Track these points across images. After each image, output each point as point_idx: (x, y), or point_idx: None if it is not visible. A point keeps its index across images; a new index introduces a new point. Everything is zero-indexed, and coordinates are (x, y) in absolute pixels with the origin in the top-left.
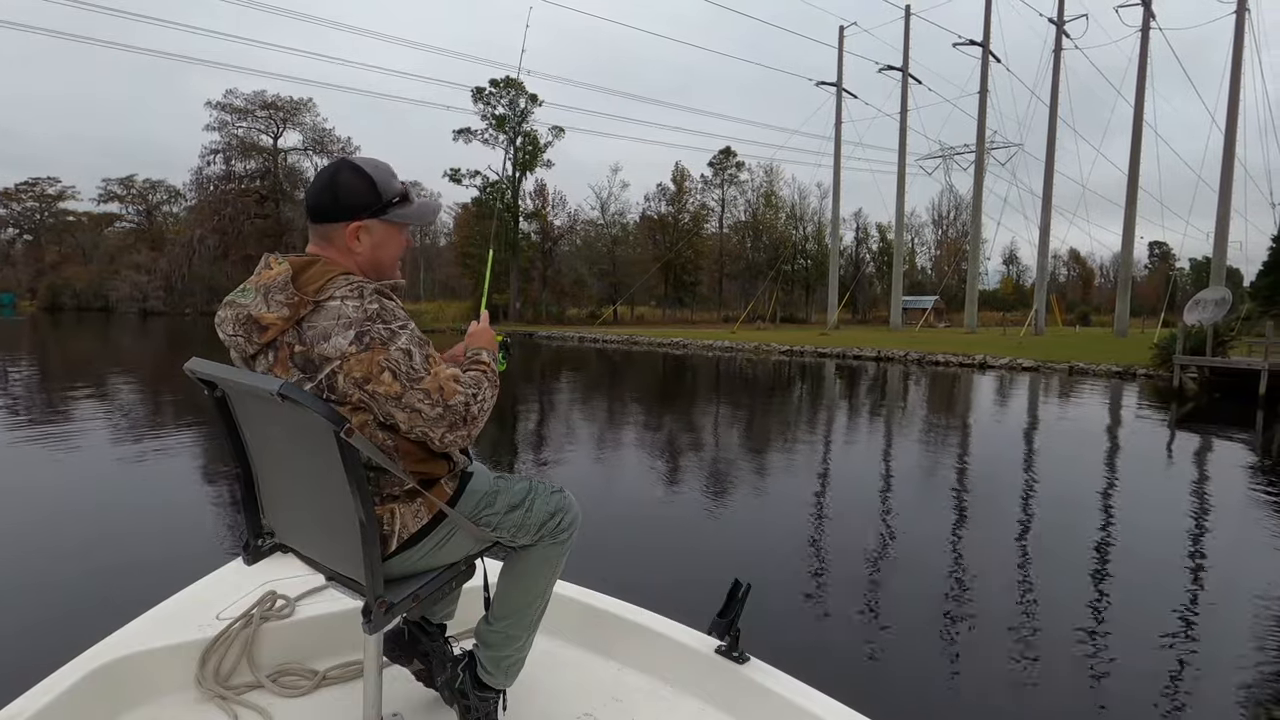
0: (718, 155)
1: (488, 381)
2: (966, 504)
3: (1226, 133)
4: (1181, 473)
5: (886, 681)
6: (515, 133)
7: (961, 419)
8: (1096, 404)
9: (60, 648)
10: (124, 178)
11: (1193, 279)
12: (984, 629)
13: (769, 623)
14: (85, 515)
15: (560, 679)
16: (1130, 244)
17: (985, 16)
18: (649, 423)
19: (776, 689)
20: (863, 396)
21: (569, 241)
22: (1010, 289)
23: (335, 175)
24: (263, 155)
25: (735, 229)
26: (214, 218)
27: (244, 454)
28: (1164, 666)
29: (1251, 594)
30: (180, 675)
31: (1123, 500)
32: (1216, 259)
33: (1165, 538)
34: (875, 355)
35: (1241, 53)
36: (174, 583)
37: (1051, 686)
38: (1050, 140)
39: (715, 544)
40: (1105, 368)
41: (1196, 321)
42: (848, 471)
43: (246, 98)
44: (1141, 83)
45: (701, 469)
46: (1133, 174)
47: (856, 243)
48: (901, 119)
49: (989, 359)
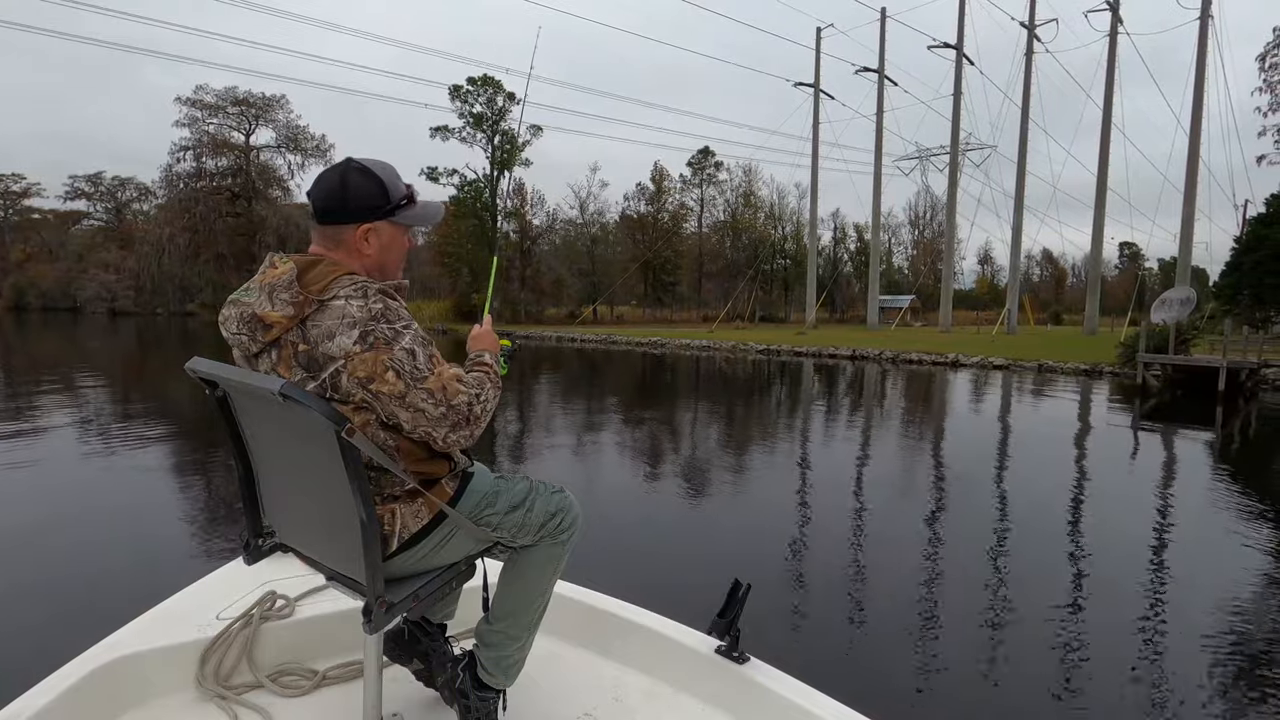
0: (696, 155)
1: (490, 382)
2: (932, 497)
3: (1191, 135)
4: (1141, 465)
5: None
6: (493, 131)
7: (931, 416)
8: (1062, 401)
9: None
10: (92, 174)
11: (1161, 279)
12: (950, 613)
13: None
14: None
15: (560, 679)
16: (1099, 244)
17: (959, 20)
18: (619, 421)
19: (776, 689)
20: (835, 395)
21: (548, 241)
22: (985, 288)
23: (344, 177)
24: (234, 152)
25: (714, 229)
26: (184, 216)
27: (244, 453)
28: (1131, 642)
29: (1209, 579)
30: (180, 675)
31: (1079, 491)
32: (1182, 259)
33: (1113, 526)
34: (851, 354)
35: (1205, 57)
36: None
37: (1018, 656)
38: (1022, 142)
39: (685, 541)
40: (1073, 366)
41: (1162, 320)
42: (816, 468)
43: (218, 94)
44: (1110, 86)
45: (666, 467)
46: (1101, 175)
47: (834, 242)
48: (878, 120)
49: (962, 358)
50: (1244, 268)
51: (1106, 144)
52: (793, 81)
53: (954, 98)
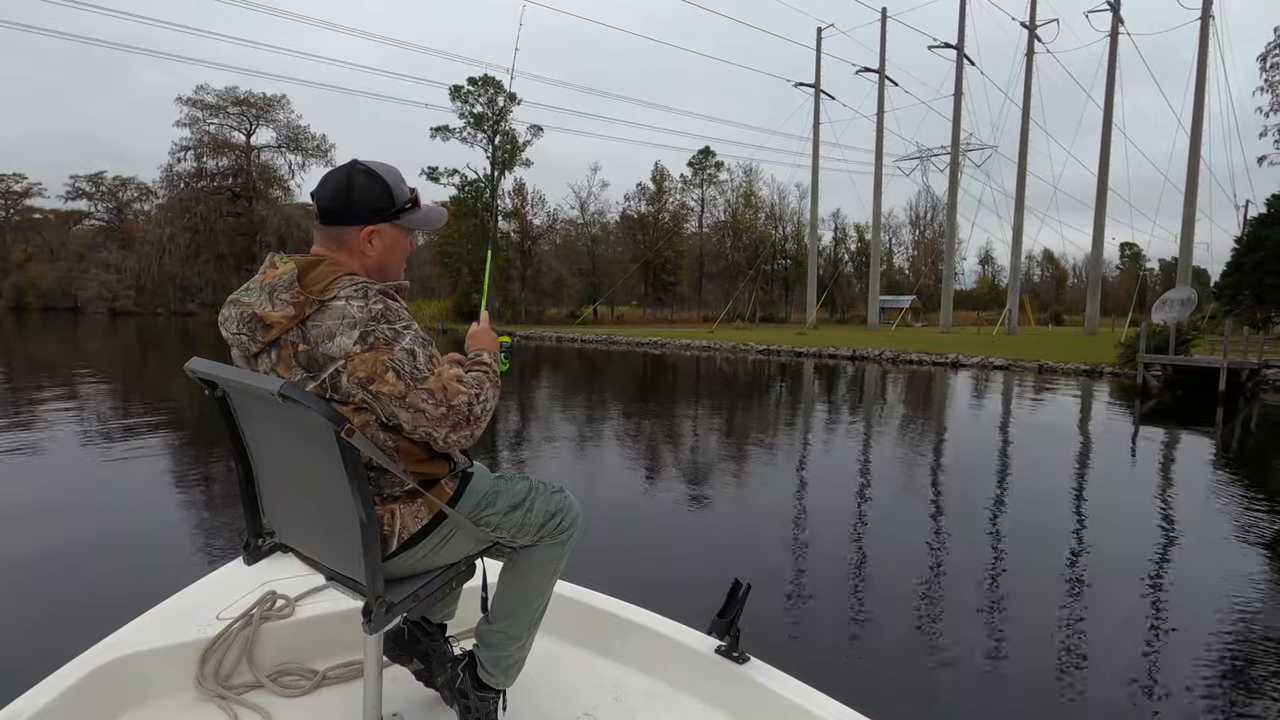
0: (697, 155)
1: (489, 382)
2: (931, 497)
3: (1192, 136)
4: (1141, 465)
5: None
6: (494, 131)
7: (931, 417)
8: (1062, 401)
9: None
10: (93, 174)
11: (1162, 279)
12: (951, 605)
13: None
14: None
15: (560, 679)
16: (1100, 244)
17: (960, 20)
18: (619, 420)
19: (776, 689)
20: (835, 395)
21: (548, 241)
22: (986, 289)
23: (349, 179)
24: (235, 152)
25: (715, 229)
26: (185, 215)
27: (244, 454)
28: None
29: (1212, 575)
30: (180, 675)
31: (1077, 489)
32: (1183, 259)
33: (1112, 528)
34: (851, 355)
35: (1206, 57)
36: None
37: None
38: (1023, 142)
39: (687, 540)
40: (1074, 366)
41: (1162, 321)
42: (816, 469)
43: (218, 94)
44: (1110, 86)
45: (667, 467)
46: (1102, 175)
47: (835, 243)
48: (879, 120)
49: (962, 358)
50: (1245, 268)
51: (1107, 144)
52: (793, 82)
53: (955, 98)
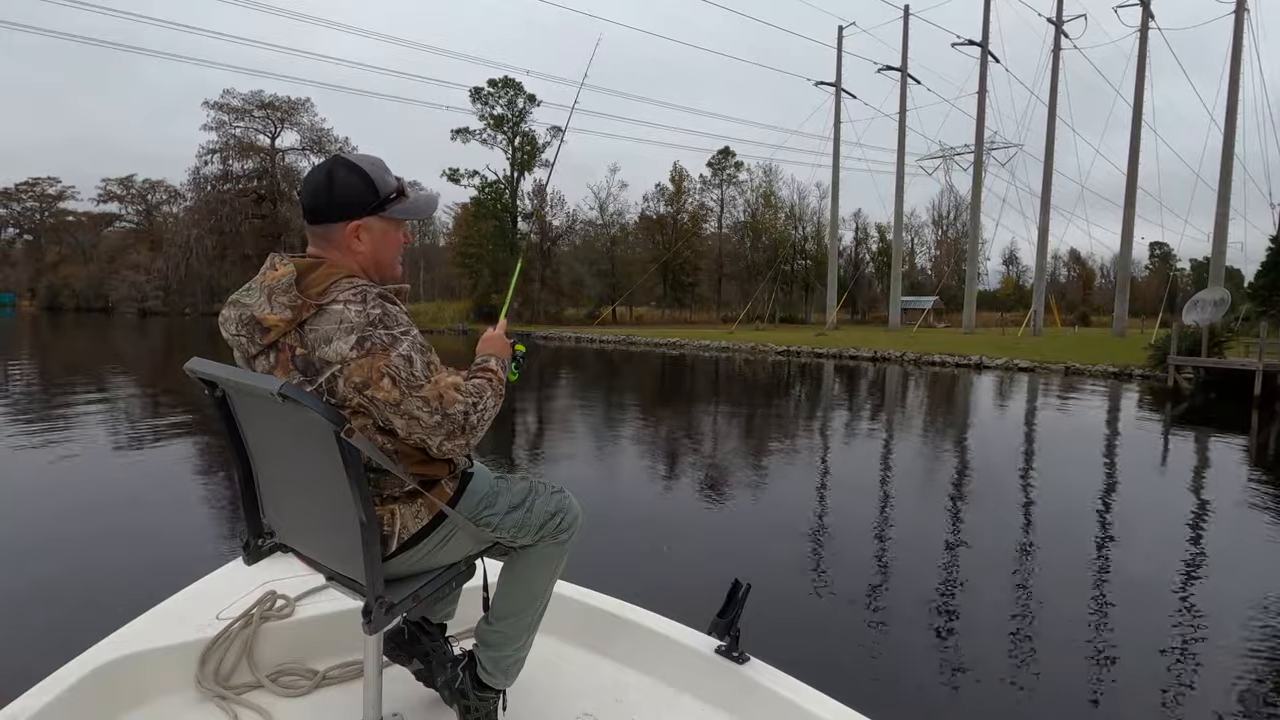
0: (716, 155)
1: (491, 390)
2: (957, 503)
3: (1225, 132)
4: (1172, 472)
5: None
6: (514, 133)
7: (954, 419)
8: (1091, 404)
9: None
10: (124, 177)
11: (1193, 279)
12: (975, 611)
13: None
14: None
15: (560, 679)
16: (1129, 244)
17: (984, 16)
18: (635, 422)
19: (776, 689)
20: (856, 397)
21: (567, 241)
22: (1010, 289)
23: (330, 174)
24: (260, 155)
25: (734, 229)
26: (211, 218)
27: (244, 454)
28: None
29: (1245, 587)
30: (180, 675)
31: (1106, 498)
32: (1215, 259)
33: (1143, 535)
34: (872, 356)
35: (1240, 52)
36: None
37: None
38: (1049, 140)
39: (704, 541)
40: (1101, 368)
41: (1194, 322)
42: (837, 471)
43: (244, 97)
44: (1140, 83)
45: (678, 468)
46: (1131, 174)
47: (856, 243)
48: (900, 119)
49: (985, 359)
50: None
51: (1137, 141)
52: (814, 81)
53: (979, 95)
